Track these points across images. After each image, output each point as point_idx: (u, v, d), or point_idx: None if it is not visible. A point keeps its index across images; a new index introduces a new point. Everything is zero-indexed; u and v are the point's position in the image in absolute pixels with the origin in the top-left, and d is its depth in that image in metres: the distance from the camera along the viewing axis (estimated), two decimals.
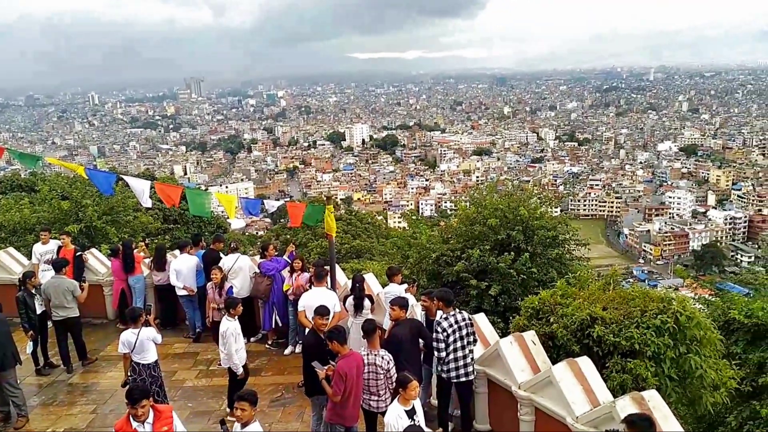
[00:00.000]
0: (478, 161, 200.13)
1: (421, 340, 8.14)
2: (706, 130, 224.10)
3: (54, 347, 11.02)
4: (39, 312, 10.57)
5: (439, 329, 7.78)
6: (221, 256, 12.10)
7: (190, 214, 26.35)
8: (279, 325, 11.56)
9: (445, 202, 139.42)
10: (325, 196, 13.82)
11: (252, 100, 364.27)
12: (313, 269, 10.19)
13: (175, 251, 13.17)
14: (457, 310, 8.01)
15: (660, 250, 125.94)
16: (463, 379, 7.96)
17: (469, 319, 8.06)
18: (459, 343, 7.86)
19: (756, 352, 10.47)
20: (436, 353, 7.87)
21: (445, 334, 7.75)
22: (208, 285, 10.86)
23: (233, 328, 8.61)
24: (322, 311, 7.86)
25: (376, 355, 7.20)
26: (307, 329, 8.83)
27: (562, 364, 7.05)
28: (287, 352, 11.41)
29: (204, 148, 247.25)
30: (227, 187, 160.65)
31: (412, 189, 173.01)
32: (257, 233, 77.60)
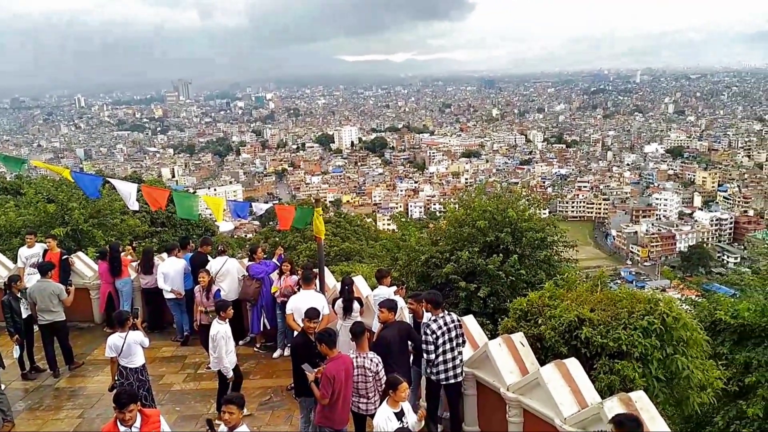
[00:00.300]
0: (466, 163, 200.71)
1: (410, 342, 8.15)
2: (691, 132, 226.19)
3: (40, 351, 10.92)
4: (25, 316, 10.49)
5: (428, 331, 7.78)
6: (209, 259, 12.04)
7: (178, 217, 26.19)
8: (267, 328, 11.53)
9: (434, 205, 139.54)
10: (313, 199, 13.81)
11: (240, 103, 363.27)
12: (301, 272, 10.18)
13: (163, 254, 13.09)
14: (445, 312, 8.02)
15: (647, 251, 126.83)
16: (452, 380, 7.97)
17: (458, 320, 8.08)
18: (448, 345, 7.87)
19: (742, 352, 10.54)
20: (425, 355, 7.87)
21: (435, 336, 7.75)
22: (195, 288, 10.81)
23: (223, 332, 8.58)
24: (311, 314, 7.85)
25: (364, 357, 7.19)
26: (295, 332, 8.82)
27: (550, 366, 7.07)
28: (276, 355, 11.38)
29: (192, 150, 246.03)
30: (215, 189, 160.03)
31: (401, 191, 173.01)
32: (246, 236, 77.27)
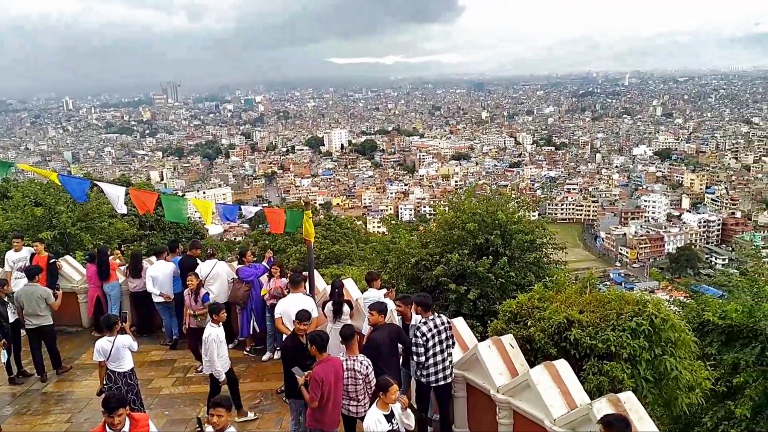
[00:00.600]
0: (456, 166, 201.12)
1: (399, 345, 8.15)
2: (679, 135, 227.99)
3: (28, 356, 10.84)
4: (12, 320, 10.41)
5: (418, 334, 7.79)
6: (198, 262, 11.99)
7: (167, 221, 26.06)
8: (257, 331, 11.49)
9: (424, 207, 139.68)
10: (303, 202, 13.77)
11: (229, 105, 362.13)
12: (289, 275, 10.16)
13: (152, 258, 13.02)
14: (435, 315, 8.03)
15: (636, 253, 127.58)
16: (442, 382, 7.98)
17: (447, 322, 8.09)
18: (438, 348, 7.88)
19: (730, 352, 10.61)
20: (415, 358, 7.87)
21: (425, 338, 7.76)
22: (185, 291, 10.76)
23: (215, 335, 8.55)
24: (302, 316, 7.84)
25: (354, 360, 7.19)
26: (284, 336, 8.80)
27: (539, 367, 7.10)
28: (265, 358, 11.35)
29: (181, 153, 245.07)
30: (204, 192, 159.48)
31: (392, 194, 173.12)
32: (235, 239, 76.91)
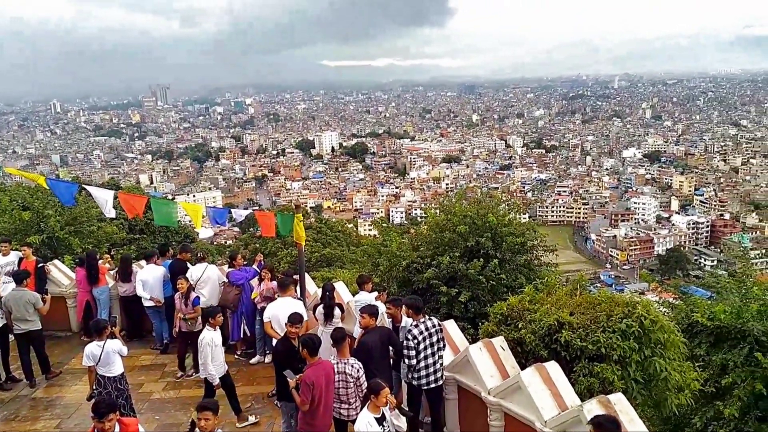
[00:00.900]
0: (447, 168, 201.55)
1: (391, 348, 8.15)
2: (668, 137, 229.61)
3: (16, 361, 10.76)
4: (0, 325, 10.31)
5: (409, 337, 7.79)
6: (188, 266, 11.95)
7: (156, 224, 25.93)
8: (248, 335, 11.46)
9: (415, 210, 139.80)
10: (294, 205, 13.73)
11: (219, 108, 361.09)
12: (278, 278, 10.16)
13: (141, 262, 12.96)
14: (426, 317, 8.04)
15: (626, 255, 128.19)
16: (433, 385, 7.99)
17: (438, 325, 8.11)
18: (429, 350, 7.90)
19: (719, 353, 10.67)
20: (406, 361, 7.87)
21: (416, 341, 7.77)
22: (175, 295, 10.72)
23: (210, 338, 8.51)
24: (295, 319, 7.83)
25: (345, 363, 7.19)
26: (274, 340, 8.79)
27: (530, 370, 7.12)
28: (254, 361, 11.33)
29: (170, 156, 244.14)
30: (194, 196, 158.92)
31: (383, 196, 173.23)
32: (226, 242, 76.70)
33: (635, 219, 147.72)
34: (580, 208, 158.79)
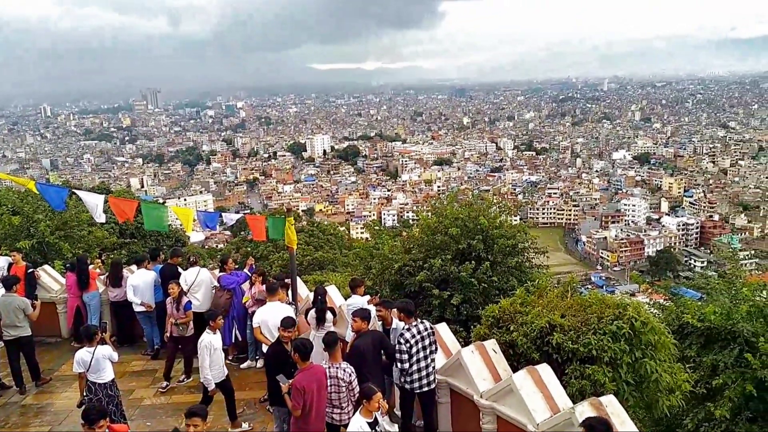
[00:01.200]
0: (438, 171, 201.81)
1: (382, 351, 8.13)
2: (658, 139, 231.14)
3: (6, 368, 10.69)
4: None
5: (401, 340, 7.78)
6: (180, 270, 11.90)
7: (147, 229, 25.83)
8: (239, 339, 11.42)
9: (407, 212, 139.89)
10: (285, 208, 13.72)
11: (210, 111, 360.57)
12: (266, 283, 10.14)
13: (132, 266, 12.89)
14: (418, 321, 8.04)
15: (617, 256, 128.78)
16: (426, 388, 7.98)
17: (431, 328, 8.11)
18: (422, 354, 7.89)
19: (709, 354, 10.73)
20: (399, 365, 7.86)
21: (408, 345, 7.76)
22: (167, 300, 10.66)
23: (207, 341, 8.47)
24: (287, 323, 7.80)
25: (337, 367, 7.17)
26: (264, 345, 8.75)
27: (522, 372, 7.14)
28: (244, 365, 11.29)
29: (161, 160, 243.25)
30: (185, 199, 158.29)
31: (374, 199, 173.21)
32: (217, 246, 76.44)
33: (625, 221, 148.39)
34: (570, 210, 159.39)
